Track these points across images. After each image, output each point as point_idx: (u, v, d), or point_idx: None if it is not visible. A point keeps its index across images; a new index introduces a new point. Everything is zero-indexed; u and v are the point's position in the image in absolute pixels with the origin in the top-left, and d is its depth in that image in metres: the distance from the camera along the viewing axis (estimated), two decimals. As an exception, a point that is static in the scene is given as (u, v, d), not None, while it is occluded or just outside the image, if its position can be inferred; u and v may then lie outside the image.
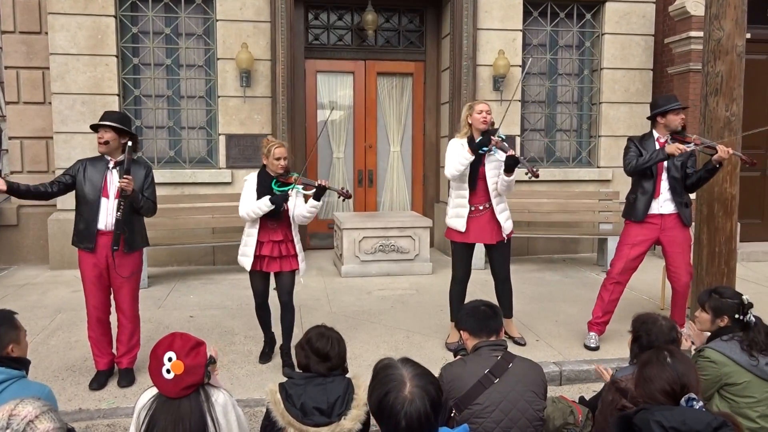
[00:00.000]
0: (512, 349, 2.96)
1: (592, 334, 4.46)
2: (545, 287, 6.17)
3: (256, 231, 3.96)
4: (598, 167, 7.79)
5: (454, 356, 2.96)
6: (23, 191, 3.57)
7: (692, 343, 3.06)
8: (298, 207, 3.96)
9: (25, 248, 7.15)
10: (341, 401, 2.38)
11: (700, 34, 5.87)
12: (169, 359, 2.12)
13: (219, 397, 2.24)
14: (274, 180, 3.90)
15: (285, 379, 2.53)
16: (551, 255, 7.74)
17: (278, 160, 3.89)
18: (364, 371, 3.31)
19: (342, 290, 6.01)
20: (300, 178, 3.92)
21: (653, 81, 7.76)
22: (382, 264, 6.61)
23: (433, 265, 6.77)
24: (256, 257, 3.96)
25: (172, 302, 5.61)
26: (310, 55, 7.76)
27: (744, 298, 2.91)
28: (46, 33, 6.77)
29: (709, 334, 3.01)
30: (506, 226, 4.35)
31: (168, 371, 2.11)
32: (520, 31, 7.45)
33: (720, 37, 4.56)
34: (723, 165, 4.22)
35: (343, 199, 3.96)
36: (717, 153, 4.04)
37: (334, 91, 8.01)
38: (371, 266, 6.58)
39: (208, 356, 2.23)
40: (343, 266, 6.57)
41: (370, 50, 7.93)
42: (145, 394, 2.24)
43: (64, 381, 3.85)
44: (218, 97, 7.03)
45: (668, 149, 4.08)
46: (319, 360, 2.49)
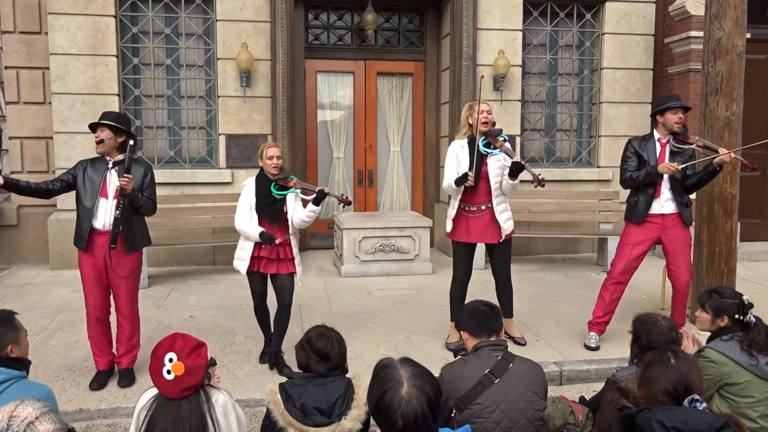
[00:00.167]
0: (512, 349, 2.96)
1: (593, 333, 4.46)
2: (545, 287, 6.17)
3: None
4: (598, 167, 7.79)
5: (455, 356, 2.96)
6: (23, 187, 3.57)
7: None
8: (297, 211, 3.98)
9: (25, 248, 7.16)
10: (341, 401, 2.38)
11: (700, 33, 5.88)
12: (170, 360, 2.12)
13: (219, 398, 2.24)
14: (273, 183, 3.91)
15: (285, 379, 2.53)
16: (551, 255, 7.74)
17: (271, 159, 3.90)
18: (365, 371, 3.31)
19: (342, 290, 6.02)
20: (299, 182, 3.93)
21: (653, 81, 7.76)
22: (382, 264, 6.61)
23: (433, 265, 6.77)
24: (254, 258, 3.97)
25: (173, 302, 5.61)
26: (310, 55, 7.76)
27: (744, 298, 2.91)
28: (46, 33, 6.77)
29: (708, 334, 3.02)
30: (506, 227, 4.34)
31: (168, 372, 2.11)
32: (520, 31, 7.44)
33: (720, 37, 4.57)
34: (723, 168, 4.22)
35: (343, 206, 3.97)
36: (718, 156, 4.05)
37: (334, 91, 8.01)
38: (371, 266, 6.58)
39: (209, 358, 2.23)
40: (343, 266, 6.57)
41: (370, 50, 7.93)
42: (145, 394, 2.24)
43: (65, 381, 3.85)
44: (218, 97, 7.03)
45: (660, 169, 4.18)
46: (320, 360, 2.49)
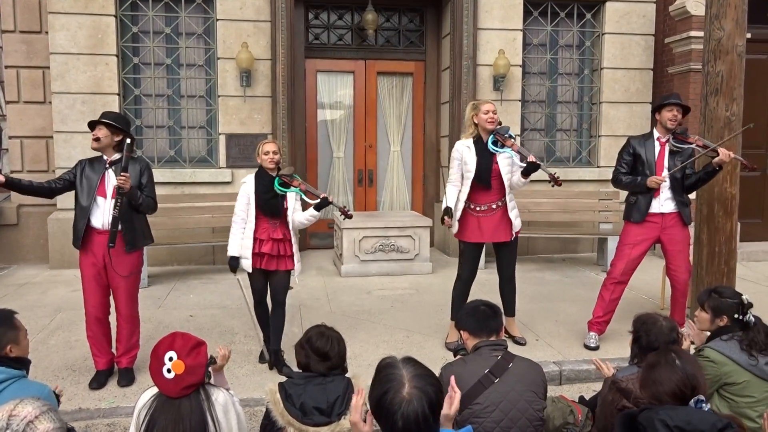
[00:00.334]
0: (512, 348, 2.96)
1: (592, 333, 4.46)
2: (545, 287, 6.17)
3: (252, 234, 3.98)
4: (598, 167, 7.79)
5: (454, 356, 2.96)
6: (25, 186, 3.58)
7: (692, 343, 3.06)
8: (297, 212, 4.00)
9: (25, 247, 7.16)
10: (341, 401, 2.37)
11: (701, 33, 5.87)
12: (170, 359, 2.12)
13: (219, 397, 2.24)
14: (277, 178, 3.92)
15: (285, 379, 2.53)
16: (551, 255, 7.73)
17: (267, 154, 3.93)
18: (364, 371, 3.32)
19: (342, 290, 6.02)
20: (303, 184, 3.94)
21: (653, 81, 7.76)
22: (382, 264, 6.61)
23: (433, 265, 6.77)
24: (256, 255, 3.98)
25: (172, 302, 5.61)
26: (311, 55, 7.76)
27: (744, 297, 2.91)
28: (47, 32, 6.77)
29: (708, 333, 3.02)
30: (516, 224, 4.39)
31: (169, 371, 2.12)
32: (521, 30, 7.44)
33: (720, 37, 4.56)
34: (722, 168, 4.22)
35: (343, 218, 3.98)
36: (718, 156, 4.05)
37: (334, 91, 8.00)
38: (371, 266, 6.58)
39: (209, 356, 2.23)
40: (343, 266, 6.57)
41: (371, 50, 7.92)
42: (145, 393, 2.25)
43: (64, 380, 3.84)
44: (218, 96, 7.03)
45: (649, 183, 4.24)
46: (319, 359, 2.49)
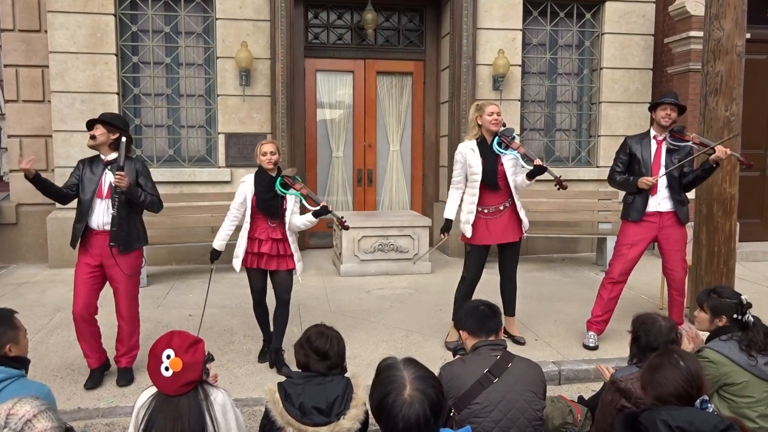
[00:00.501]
0: (511, 348, 2.96)
1: (591, 333, 4.46)
2: (544, 287, 6.17)
3: (246, 233, 4.02)
4: (597, 167, 7.79)
5: (453, 355, 2.96)
6: (49, 186, 3.58)
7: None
8: (295, 215, 4.01)
9: (24, 246, 7.15)
10: (340, 401, 2.37)
11: (700, 33, 5.87)
12: (168, 356, 2.13)
13: (218, 396, 2.24)
14: (280, 178, 3.93)
15: (284, 378, 2.53)
16: (550, 254, 7.73)
17: (265, 155, 3.94)
18: (363, 370, 3.32)
19: (341, 289, 6.01)
20: (305, 188, 3.96)
21: (653, 81, 7.76)
22: (381, 263, 6.60)
23: (432, 265, 6.77)
24: (255, 254, 3.98)
25: (172, 301, 5.61)
26: (310, 54, 7.76)
27: (743, 297, 2.91)
28: (46, 31, 6.76)
29: (707, 335, 3.01)
30: (526, 222, 4.41)
31: (167, 369, 2.12)
32: (520, 30, 7.44)
33: (720, 37, 4.57)
34: (720, 166, 4.23)
35: (339, 228, 3.98)
36: (715, 153, 4.05)
37: (334, 90, 8.00)
38: (370, 265, 6.58)
39: (207, 353, 2.24)
40: (342, 265, 6.57)
41: (370, 49, 7.92)
42: (144, 393, 2.25)
43: (63, 380, 3.84)
44: (218, 95, 7.02)
45: (639, 183, 4.26)
46: (319, 359, 2.48)
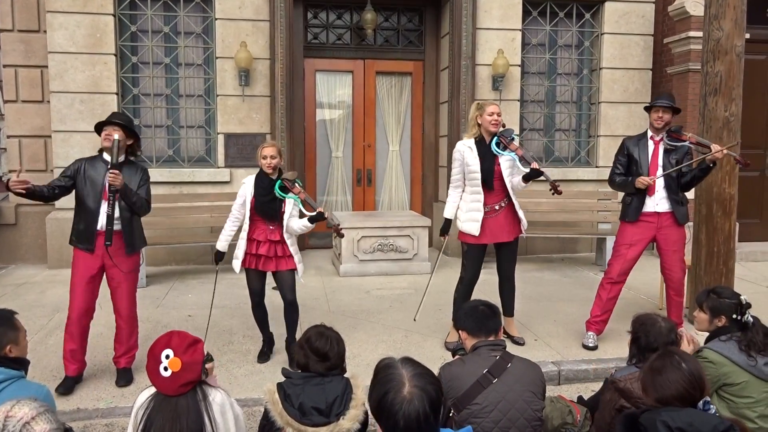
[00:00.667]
0: (511, 348, 2.96)
1: (591, 333, 4.46)
2: (544, 287, 6.17)
3: (246, 235, 4.03)
4: (596, 167, 7.79)
5: (453, 356, 2.96)
6: (38, 192, 3.52)
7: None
8: (293, 219, 4.02)
9: (23, 247, 7.14)
10: (340, 401, 2.37)
11: (700, 34, 5.87)
12: (167, 357, 2.13)
13: (216, 396, 2.24)
14: (279, 181, 3.94)
15: (283, 379, 2.53)
16: (550, 254, 7.73)
17: (265, 159, 3.96)
18: (363, 371, 3.32)
19: (340, 290, 6.01)
20: (304, 193, 3.96)
21: (652, 81, 7.76)
22: (381, 263, 6.60)
23: (432, 265, 6.76)
24: (252, 255, 4.00)
25: (171, 301, 5.60)
26: (309, 54, 7.75)
27: (742, 298, 2.91)
28: (45, 31, 6.75)
29: (706, 335, 3.01)
30: (525, 222, 4.41)
31: (165, 369, 2.12)
32: (520, 30, 7.44)
33: (719, 37, 4.57)
34: (717, 165, 4.23)
35: (334, 236, 3.98)
36: (711, 152, 4.06)
37: (333, 90, 8.00)
38: (370, 266, 6.58)
39: (206, 353, 2.23)
40: (342, 266, 6.56)
41: (369, 49, 7.92)
42: (143, 393, 2.25)
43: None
44: (217, 96, 7.02)
45: (637, 183, 4.27)
46: (319, 359, 2.48)
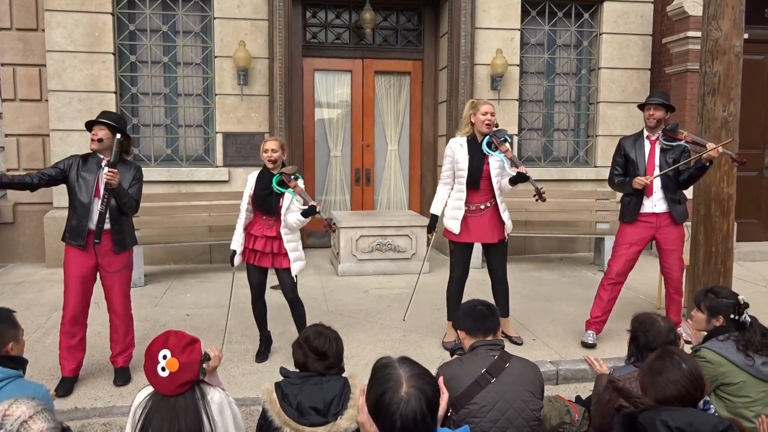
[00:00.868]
0: (509, 348, 2.96)
1: (590, 332, 4.47)
2: (542, 286, 6.17)
3: (242, 228, 4.12)
4: (595, 167, 7.79)
5: (451, 355, 2.96)
6: (6, 182, 3.49)
7: (687, 342, 3.06)
8: (291, 213, 4.02)
9: (21, 246, 7.13)
10: (338, 401, 2.36)
11: (698, 34, 5.88)
12: (164, 357, 2.12)
13: (215, 396, 2.24)
14: (277, 175, 3.96)
15: (281, 378, 2.52)
16: (548, 254, 7.74)
17: (266, 152, 3.99)
18: (361, 370, 3.31)
19: (339, 289, 6.01)
20: (299, 187, 3.96)
21: (651, 81, 7.77)
22: (379, 263, 6.60)
23: (430, 264, 6.76)
24: (251, 250, 4.06)
25: (169, 301, 5.59)
26: (308, 54, 7.75)
27: (740, 298, 2.91)
28: (43, 30, 6.74)
29: (705, 333, 3.01)
30: (509, 225, 4.39)
31: (163, 369, 2.12)
32: (518, 30, 7.44)
33: (718, 37, 4.57)
34: (713, 163, 4.24)
35: (326, 231, 3.98)
36: (706, 151, 4.07)
37: (332, 90, 7.99)
38: (368, 265, 6.57)
39: (203, 353, 2.23)
40: (340, 265, 6.56)
41: (368, 49, 7.91)
42: (141, 392, 2.24)
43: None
44: (215, 95, 7.01)
45: (634, 183, 4.27)
46: (317, 359, 2.48)
